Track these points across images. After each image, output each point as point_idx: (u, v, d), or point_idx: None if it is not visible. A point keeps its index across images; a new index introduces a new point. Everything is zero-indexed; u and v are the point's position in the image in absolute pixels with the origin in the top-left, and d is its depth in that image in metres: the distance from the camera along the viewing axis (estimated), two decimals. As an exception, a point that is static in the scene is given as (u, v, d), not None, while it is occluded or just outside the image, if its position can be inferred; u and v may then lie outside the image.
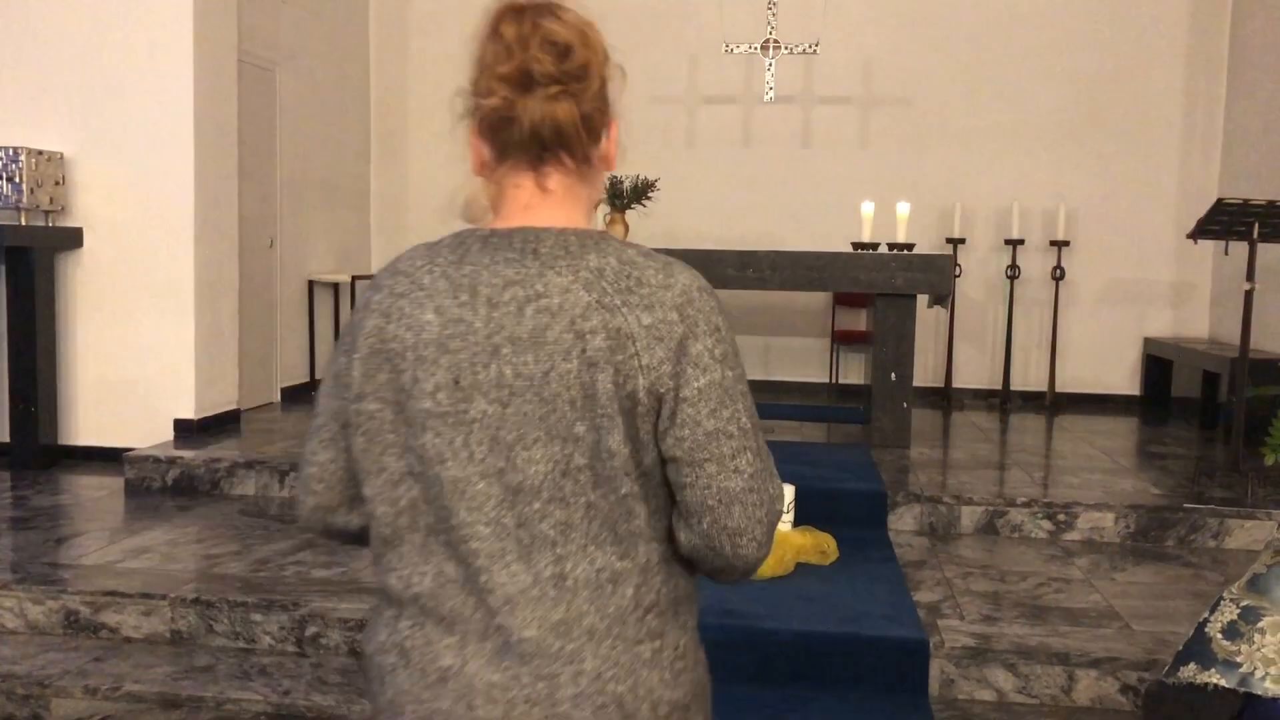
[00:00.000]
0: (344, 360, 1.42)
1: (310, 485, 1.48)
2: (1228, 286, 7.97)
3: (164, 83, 6.08)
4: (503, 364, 1.32)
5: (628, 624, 1.35)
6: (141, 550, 4.56)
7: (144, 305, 6.18)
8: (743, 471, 1.33)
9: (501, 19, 1.40)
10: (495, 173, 1.43)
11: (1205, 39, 8.16)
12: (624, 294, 1.32)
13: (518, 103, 1.37)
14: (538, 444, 1.31)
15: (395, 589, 1.39)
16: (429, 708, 1.35)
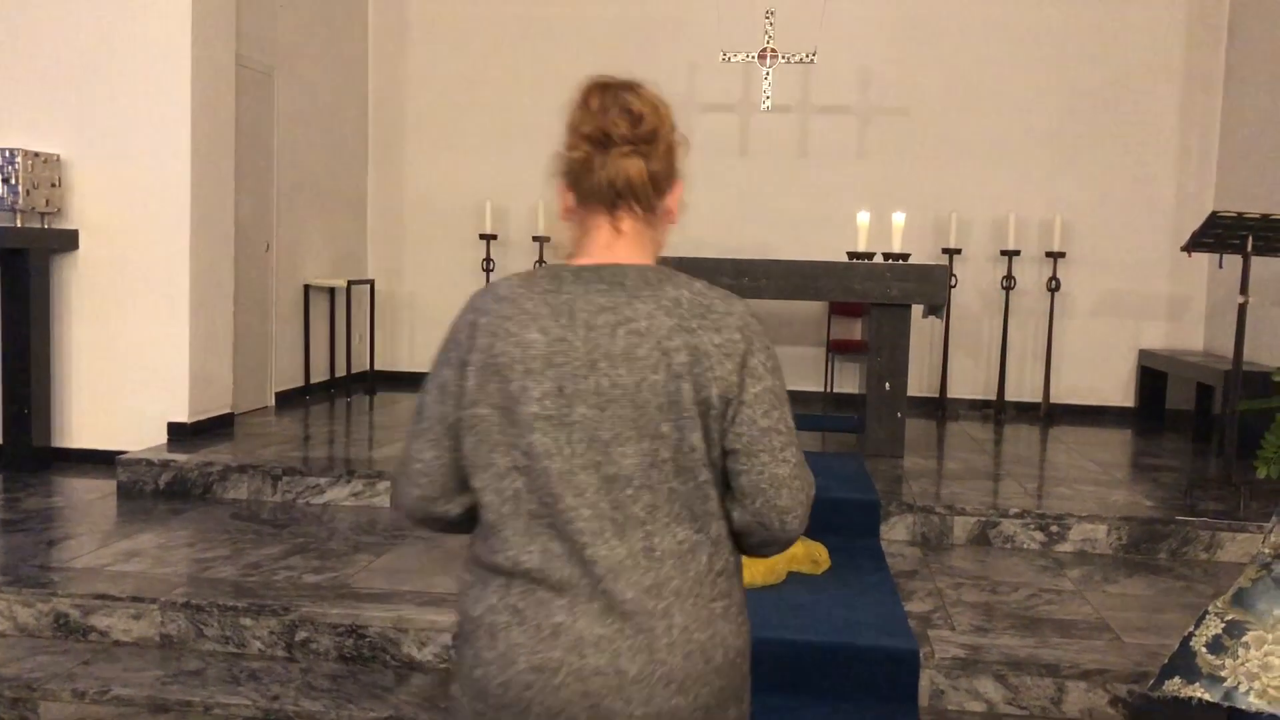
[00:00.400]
0: (449, 373, 1.71)
1: (415, 479, 1.75)
2: (1222, 300, 7.99)
3: (162, 86, 6.09)
4: (600, 376, 1.61)
5: (704, 585, 1.65)
6: (133, 553, 4.56)
7: (139, 308, 6.19)
8: (789, 461, 1.66)
9: (590, 91, 1.73)
10: (577, 215, 1.73)
11: (1201, 54, 8.19)
12: (698, 319, 1.64)
13: (596, 157, 1.68)
14: (630, 441, 1.61)
15: (504, 565, 1.64)
16: (542, 656, 1.60)
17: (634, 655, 1.60)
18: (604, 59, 8.72)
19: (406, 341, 9.13)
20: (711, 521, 1.67)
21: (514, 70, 8.78)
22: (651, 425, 1.61)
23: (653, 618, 1.61)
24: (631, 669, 1.60)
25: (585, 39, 8.68)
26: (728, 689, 1.69)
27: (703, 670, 1.64)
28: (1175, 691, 1.94)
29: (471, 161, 8.91)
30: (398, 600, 4.05)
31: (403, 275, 9.09)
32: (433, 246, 9.04)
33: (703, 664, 1.64)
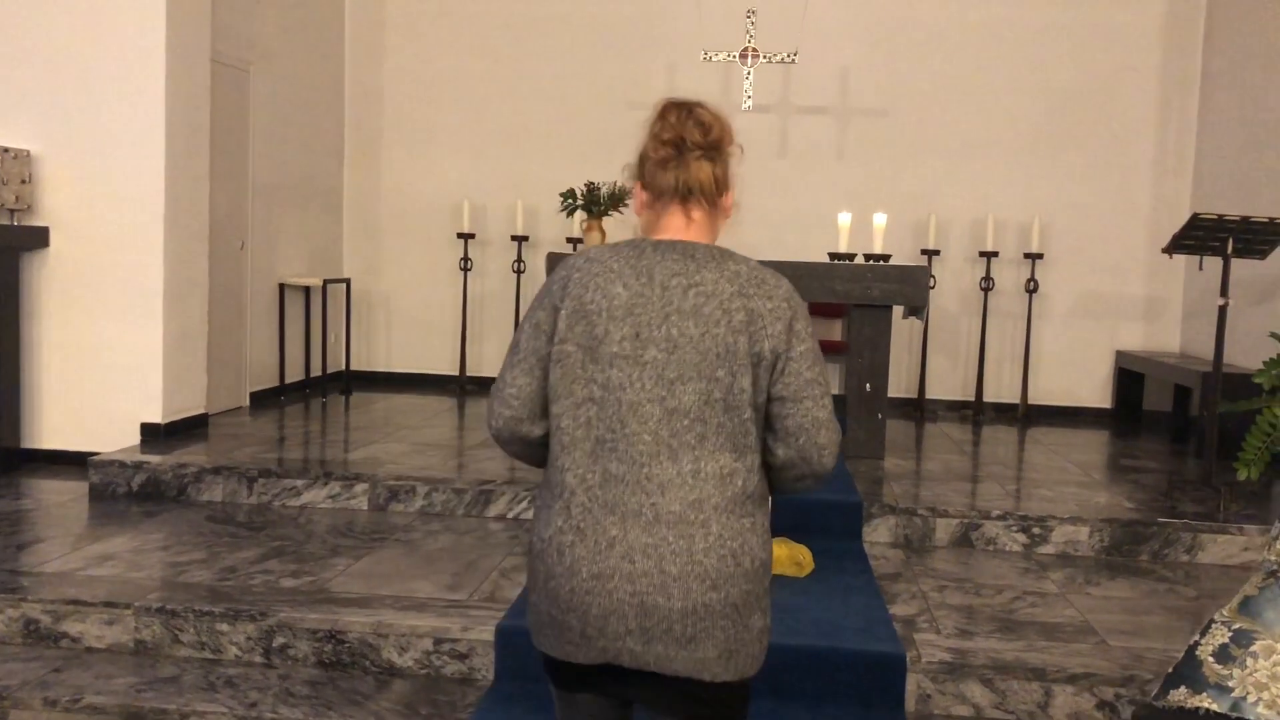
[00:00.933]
0: (543, 315, 2.06)
1: (509, 402, 2.07)
2: (1199, 301, 8.03)
3: (136, 81, 5.99)
4: (671, 326, 1.99)
5: (738, 505, 1.99)
6: (105, 557, 4.47)
7: (111, 307, 6.09)
8: (826, 408, 2.03)
9: (666, 108, 2.13)
10: (654, 208, 2.15)
11: (1178, 56, 8.23)
12: (755, 287, 2.02)
13: (673, 160, 2.09)
14: (690, 381, 1.98)
15: (570, 481, 2.01)
16: (600, 565, 1.95)
17: (675, 558, 1.94)
18: (583, 58, 8.74)
19: (383, 341, 9.04)
20: (749, 454, 2.01)
21: (493, 68, 8.71)
22: (709, 370, 1.98)
23: (693, 527, 1.95)
24: (673, 569, 1.94)
25: (564, 38, 8.63)
26: (753, 593, 2.01)
27: (733, 571, 1.97)
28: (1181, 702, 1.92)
29: (449, 160, 8.84)
30: (377, 605, 3.99)
31: (379, 274, 9.00)
32: (410, 245, 8.96)
33: (734, 566, 1.97)
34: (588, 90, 8.59)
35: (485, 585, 4.25)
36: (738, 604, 1.97)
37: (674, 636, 1.94)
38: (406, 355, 9.02)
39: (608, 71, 8.59)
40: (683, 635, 1.94)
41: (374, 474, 5.46)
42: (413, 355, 9.01)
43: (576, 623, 1.99)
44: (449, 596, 4.11)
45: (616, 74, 8.57)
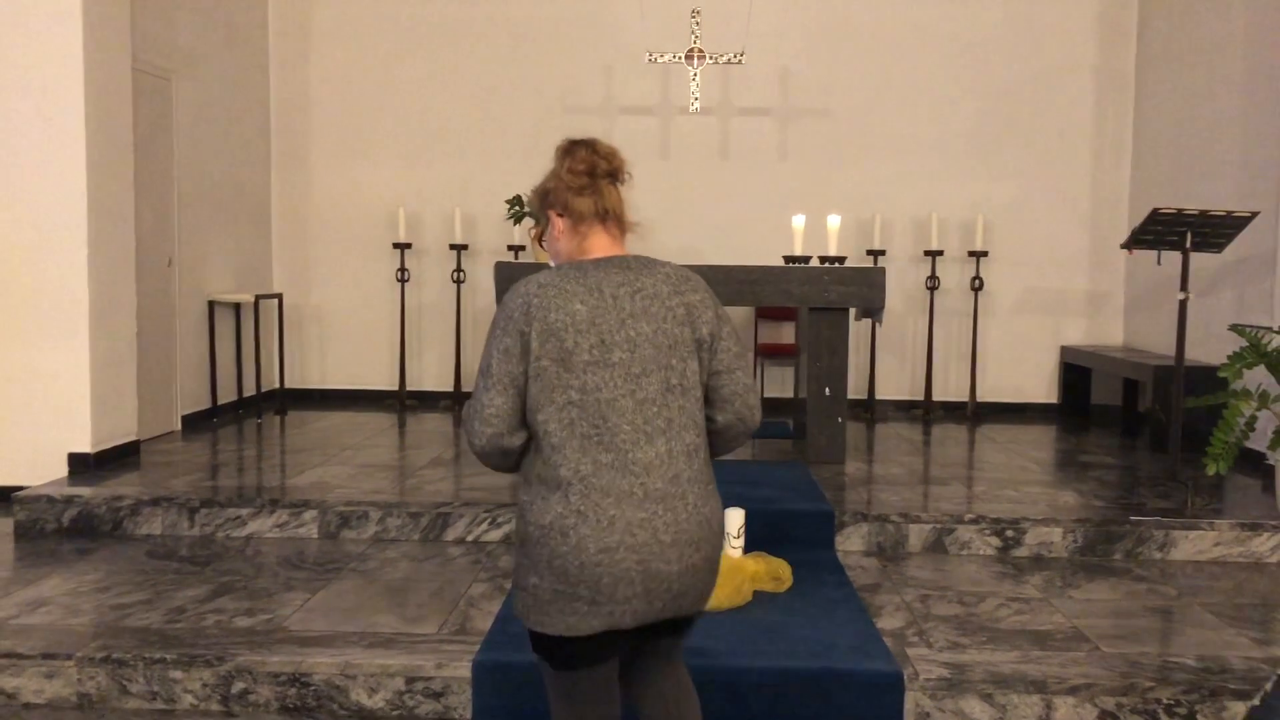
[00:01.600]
0: (510, 340, 2.30)
1: (490, 420, 2.31)
2: (1140, 295, 8.09)
3: (53, 92, 5.64)
4: (628, 329, 2.31)
5: (702, 474, 2.37)
6: (39, 603, 4.16)
7: (33, 330, 5.73)
8: (749, 374, 2.46)
9: (572, 145, 2.49)
10: (577, 232, 2.46)
11: (1112, 53, 8.29)
12: (684, 284, 2.41)
13: (589, 187, 2.45)
14: (652, 373, 2.32)
15: (566, 475, 2.27)
16: (605, 541, 2.23)
17: (667, 529, 2.28)
18: (519, 61, 8.52)
19: (317, 357, 8.72)
20: (702, 428, 2.40)
21: (424, 73, 8.46)
22: (665, 360, 2.33)
23: (675, 500, 2.30)
24: (667, 538, 2.28)
25: (498, 40, 8.41)
26: (717, 548, 2.41)
27: (707, 533, 2.36)
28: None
29: (382, 168, 8.56)
30: (341, 643, 3.75)
31: (310, 288, 8.68)
32: (342, 257, 8.66)
33: (708, 529, 2.36)
34: (524, 93, 8.37)
35: (454, 617, 4.03)
36: (711, 558, 2.38)
37: (671, 593, 2.31)
38: (342, 371, 8.71)
39: (545, 74, 8.39)
40: (679, 591, 2.32)
41: (322, 500, 5.20)
42: (349, 371, 8.70)
43: (586, 593, 2.26)
44: (417, 630, 3.88)
45: (554, 77, 8.37)
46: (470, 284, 8.47)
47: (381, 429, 7.35)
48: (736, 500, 4.96)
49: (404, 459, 6.31)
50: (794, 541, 4.91)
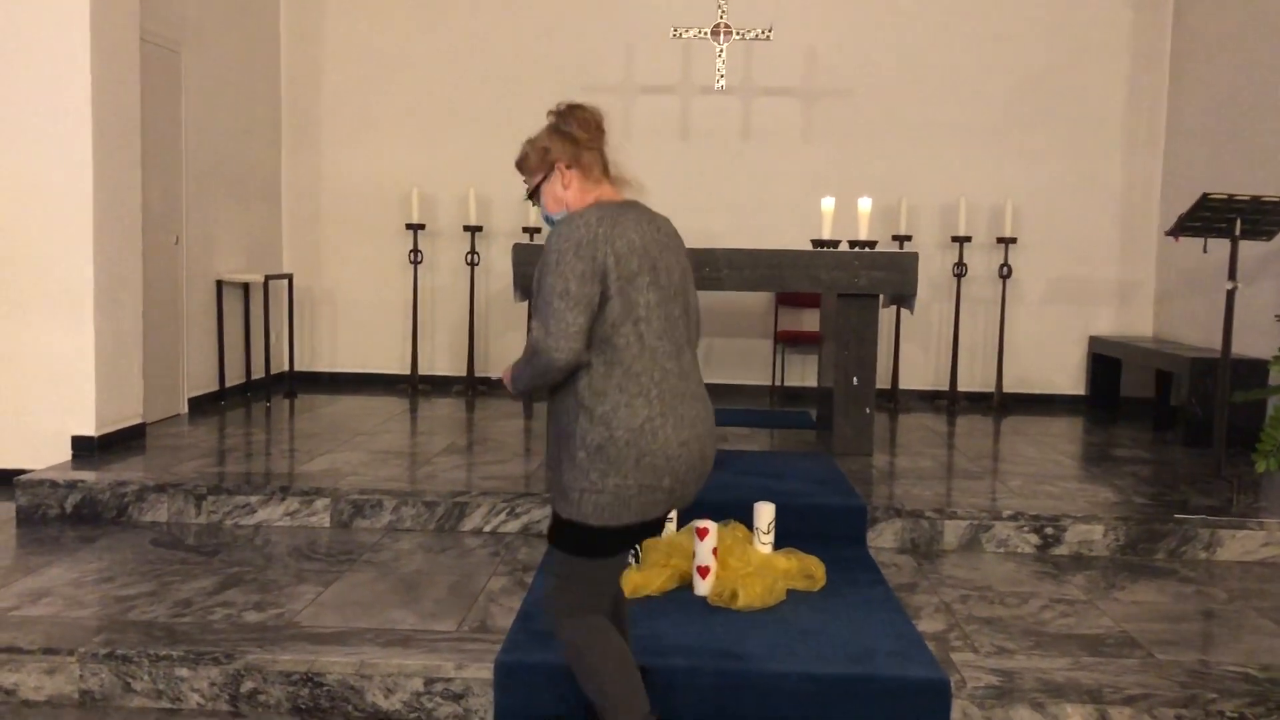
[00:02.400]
0: (585, 266, 2.58)
1: (575, 338, 2.57)
2: (1172, 284, 7.87)
3: (58, 62, 5.44)
4: (666, 256, 2.72)
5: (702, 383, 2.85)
6: (40, 593, 3.98)
7: (36, 310, 5.54)
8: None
9: (574, 106, 2.82)
10: (584, 184, 2.81)
11: (1147, 32, 8.05)
12: (671, 225, 2.83)
13: (596, 141, 2.81)
14: (679, 297, 2.75)
15: (645, 382, 2.64)
16: (684, 435, 2.66)
17: (707, 420, 2.77)
18: (537, 38, 8.28)
19: (327, 339, 8.54)
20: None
21: (438, 48, 8.24)
22: (683, 287, 2.77)
23: (705, 399, 2.80)
24: (706, 431, 2.76)
25: (516, 16, 8.19)
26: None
27: (714, 424, 2.83)
28: None
29: (395, 146, 8.35)
30: (356, 640, 3.57)
31: (321, 269, 8.49)
32: (354, 237, 8.46)
33: (713, 421, 2.82)
34: (542, 71, 8.15)
35: (474, 613, 3.85)
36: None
37: (706, 475, 2.80)
38: (353, 354, 8.53)
39: (563, 52, 8.17)
40: (707, 473, 2.80)
41: (335, 487, 5.02)
42: (360, 354, 8.52)
43: (669, 483, 2.67)
44: (436, 627, 3.70)
45: (572, 54, 8.16)
46: (484, 266, 8.27)
47: (393, 414, 7.16)
48: (762, 493, 4.78)
49: (417, 445, 6.12)
50: (824, 537, 4.71)
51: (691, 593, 4.05)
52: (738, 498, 4.79)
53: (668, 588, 4.07)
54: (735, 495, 4.85)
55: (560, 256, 2.58)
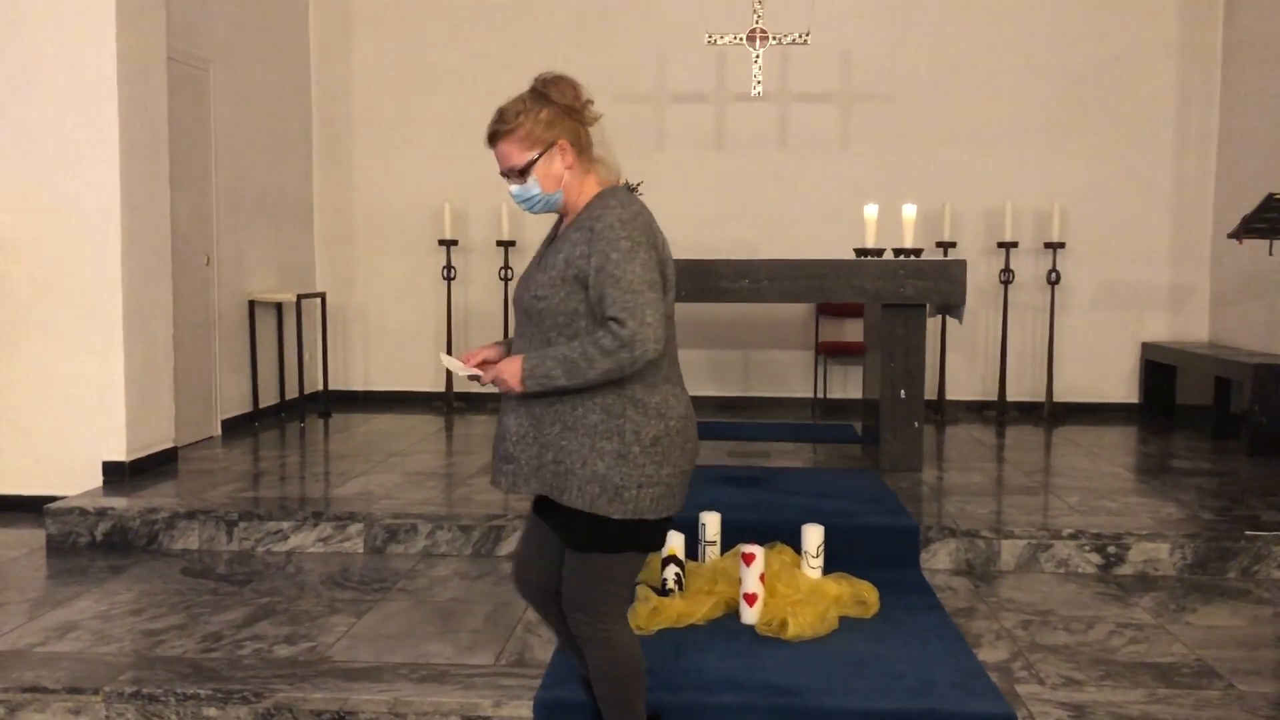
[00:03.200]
0: (649, 254, 2.48)
1: (659, 328, 2.44)
2: (1228, 288, 7.60)
3: (85, 82, 5.36)
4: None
5: None
6: (68, 627, 3.86)
7: (65, 332, 5.46)
8: None
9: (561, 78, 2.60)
10: (580, 164, 2.61)
11: (1198, 30, 7.80)
12: None
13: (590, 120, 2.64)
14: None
15: (679, 370, 2.67)
16: (696, 425, 2.66)
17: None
18: (567, 47, 8.14)
19: (361, 358, 8.44)
20: None
21: (470, 61, 8.13)
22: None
23: None
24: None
25: (546, 26, 8.07)
26: None
27: None
28: None
29: (427, 161, 8.24)
30: (390, 677, 3.42)
31: (354, 286, 8.40)
32: (387, 254, 8.36)
33: None
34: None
35: (512, 645, 3.69)
36: None
37: None
38: (387, 373, 8.42)
39: (593, 61, 8.01)
40: None
41: (368, 512, 4.88)
42: (394, 373, 8.41)
43: (691, 469, 2.64)
44: (472, 661, 3.54)
45: (603, 64, 8.01)
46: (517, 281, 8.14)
47: (428, 434, 7.03)
48: (809, 514, 4.60)
49: (452, 466, 5.98)
50: (875, 559, 4.51)
51: (738, 621, 3.88)
52: (784, 519, 4.61)
53: (713, 616, 3.90)
54: (781, 516, 4.68)
55: (635, 244, 2.44)
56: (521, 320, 2.63)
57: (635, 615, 3.79)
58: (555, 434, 2.53)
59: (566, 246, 2.53)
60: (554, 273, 2.53)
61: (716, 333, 8.16)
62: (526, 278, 2.65)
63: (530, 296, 2.56)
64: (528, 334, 2.60)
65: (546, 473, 2.55)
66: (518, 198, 2.64)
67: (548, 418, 2.54)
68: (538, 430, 2.55)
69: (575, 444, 2.51)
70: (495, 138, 2.61)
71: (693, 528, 4.35)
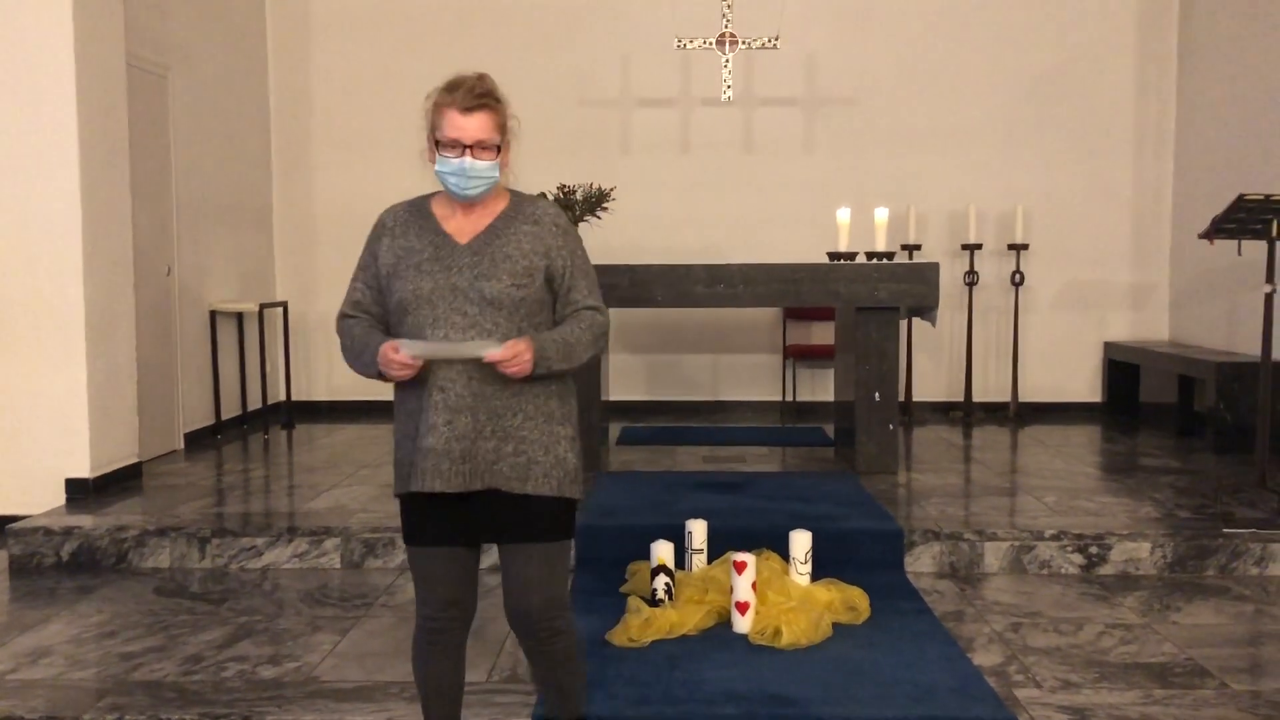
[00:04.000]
0: None
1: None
2: (1187, 288, 7.72)
3: (42, 91, 5.21)
4: None
5: None
6: (39, 653, 3.73)
7: (24, 346, 5.30)
8: None
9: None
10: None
11: (1154, 34, 7.91)
12: None
13: None
14: None
15: None
16: None
17: None
18: (531, 52, 8.06)
19: (324, 368, 8.31)
20: None
21: (430, 65, 7.86)
22: None
23: None
24: None
25: (509, 31, 8.00)
26: None
27: None
28: None
29: (388, 168, 8.09)
30: (381, 696, 3.34)
31: (316, 295, 8.26)
32: (348, 262, 8.02)
33: None
34: (536, 86, 7.93)
35: (503, 660, 3.63)
36: None
37: None
38: (350, 383, 8.27)
39: (558, 66, 7.98)
40: None
41: (345, 526, 4.79)
42: (357, 383, 8.25)
43: None
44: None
45: (567, 68, 7.97)
46: (484, 288, 8.05)
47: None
48: (792, 519, 4.59)
49: (425, 477, 5.88)
50: (859, 564, 4.51)
51: (729, 630, 3.84)
52: (767, 525, 4.60)
53: (705, 626, 3.86)
54: (766, 522, 4.66)
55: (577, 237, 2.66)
56: (472, 310, 2.46)
57: (627, 627, 3.75)
58: (516, 424, 2.50)
59: (516, 242, 2.53)
60: (523, 263, 2.51)
61: (686, 337, 8.14)
62: (461, 268, 2.49)
63: (506, 286, 2.47)
64: (484, 324, 2.46)
65: (504, 465, 2.49)
66: (470, 172, 2.48)
67: (509, 409, 2.50)
68: (496, 423, 2.49)
69: (536, 432, 2.52)
70: (483, 108, 2.51)
71: (680, 535, 4.31)
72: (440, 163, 2.51)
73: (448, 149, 2.49)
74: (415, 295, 2.48)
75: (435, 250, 2.52)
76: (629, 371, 8.13)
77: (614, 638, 3.72)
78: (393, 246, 2.57)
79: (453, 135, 2.48)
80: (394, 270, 2.54)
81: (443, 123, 2.50)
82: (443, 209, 2.61)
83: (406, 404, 2.54)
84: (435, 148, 2.53)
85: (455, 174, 2.49)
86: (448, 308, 2.46)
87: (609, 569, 4.46)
